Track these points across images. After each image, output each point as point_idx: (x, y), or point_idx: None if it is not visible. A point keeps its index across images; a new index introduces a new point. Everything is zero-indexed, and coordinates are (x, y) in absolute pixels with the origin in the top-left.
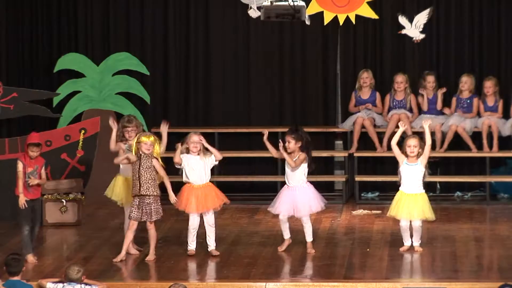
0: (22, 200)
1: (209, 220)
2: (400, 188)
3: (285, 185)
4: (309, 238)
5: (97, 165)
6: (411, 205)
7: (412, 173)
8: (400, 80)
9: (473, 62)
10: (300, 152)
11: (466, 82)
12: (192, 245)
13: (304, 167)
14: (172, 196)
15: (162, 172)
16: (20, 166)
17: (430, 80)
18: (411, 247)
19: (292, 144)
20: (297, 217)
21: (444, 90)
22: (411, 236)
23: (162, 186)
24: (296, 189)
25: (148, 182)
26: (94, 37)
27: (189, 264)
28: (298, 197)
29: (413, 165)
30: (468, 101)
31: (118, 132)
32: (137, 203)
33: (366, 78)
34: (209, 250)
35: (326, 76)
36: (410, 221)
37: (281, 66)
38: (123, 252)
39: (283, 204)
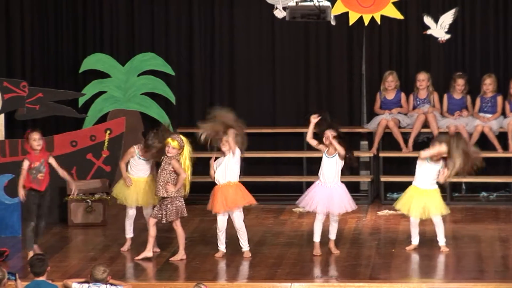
0: (22, 192)
1: (236, 223)
2: (413, 183)
3: (318, 183)
4: (333, 236)
5: None
6: (425, 202)
7: (430, 170)
8: (422, 78)
9: (498, 62)
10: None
11: (490, 84)
12: (221, 247)
13: (341, 165)
14: (170, 187)
15: (179, 170)
16: (25, 163)
17: (460, 82)
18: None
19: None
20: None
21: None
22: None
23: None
24: (331, 187)
25: (160, 184)
26: (119, 37)
27: (214, 264)
28: (333, 196)
29: (432, 164)
30: (492, 100)
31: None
32: (160, 203)
33: (391, 81)
34: (242, 251)
35: (351, 77)
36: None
37: (306, 66)
38: (147, 248)
39: (319, 202)
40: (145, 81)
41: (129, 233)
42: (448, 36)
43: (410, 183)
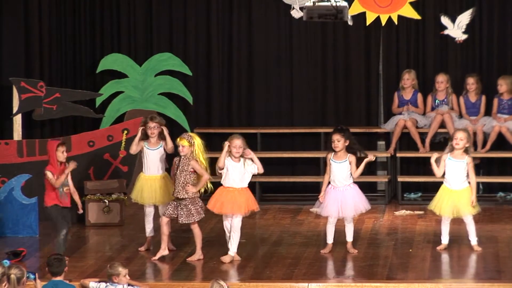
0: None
1: (234, 224)
2: (443, 183)
3: (330, 186)
4: (349, 238)
5: (140, 166)
6: (457, 202)
7: (456, 169)
8: (441, 80)
9: None
10: (346, 152)
11: (501, 85)
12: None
13: (350, 168)
14: (190, 188)
15: (202, 171)
16: (49, 174)
17: (470, 81)
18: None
19: (341, 143)
20: (341, 218)
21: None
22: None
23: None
24: (343, 189)
25: (180, 185)
26: (136, 37)
27: (231, 265)
28: (344, 198)
29: (457, 161)
30: (509, 102)
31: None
32: (175, 203)
33: (407, 79)
34: (228, 253)
35: (369, 77)
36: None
37: (323, 66)
38: (162, 247)
39: (331, 206)
40: (162, 81)
41: (148, 232)
42: (465, 36)
43: (427, 183)
